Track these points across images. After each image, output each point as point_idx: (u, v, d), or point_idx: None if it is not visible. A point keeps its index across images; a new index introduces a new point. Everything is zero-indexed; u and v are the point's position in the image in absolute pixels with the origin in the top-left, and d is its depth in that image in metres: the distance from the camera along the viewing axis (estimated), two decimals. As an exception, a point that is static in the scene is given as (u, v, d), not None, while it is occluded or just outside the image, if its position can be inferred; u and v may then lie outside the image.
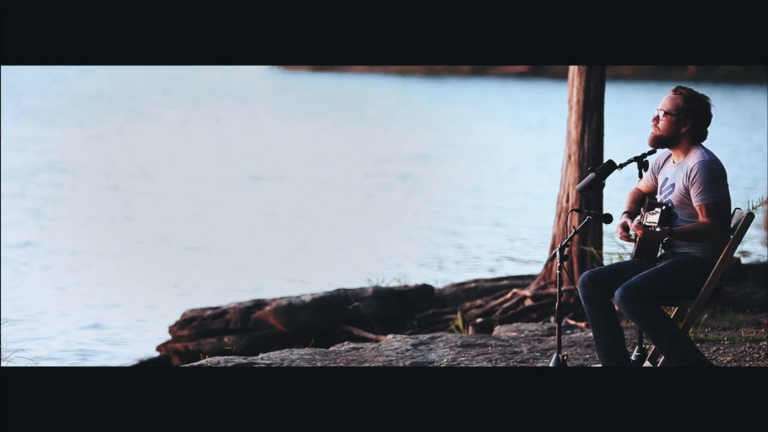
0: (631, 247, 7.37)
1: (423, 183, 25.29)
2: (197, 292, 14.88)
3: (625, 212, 7.16)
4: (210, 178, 25.39)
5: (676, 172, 6.95)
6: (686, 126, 6.93)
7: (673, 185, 6.94)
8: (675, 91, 6.99)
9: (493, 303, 11.43)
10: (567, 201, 10.85)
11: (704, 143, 7.00)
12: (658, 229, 6.76)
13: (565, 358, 7.16)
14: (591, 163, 10.65)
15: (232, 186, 24.42)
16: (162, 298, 14.91)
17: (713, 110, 6.99)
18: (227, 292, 14.56)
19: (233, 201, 22.61)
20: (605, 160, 8.30)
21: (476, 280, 12.69)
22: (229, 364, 7.87)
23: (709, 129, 7.01)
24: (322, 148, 30.91)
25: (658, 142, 7.02)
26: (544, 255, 15.04)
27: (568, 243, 7.14)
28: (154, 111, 40.13)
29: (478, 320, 11.06)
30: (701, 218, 6.83)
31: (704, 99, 6.97)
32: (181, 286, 15.51)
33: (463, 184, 25.23)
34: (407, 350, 8.40)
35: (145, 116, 38.28)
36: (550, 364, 7.13)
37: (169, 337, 12.39)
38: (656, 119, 6.98)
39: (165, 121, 36.99)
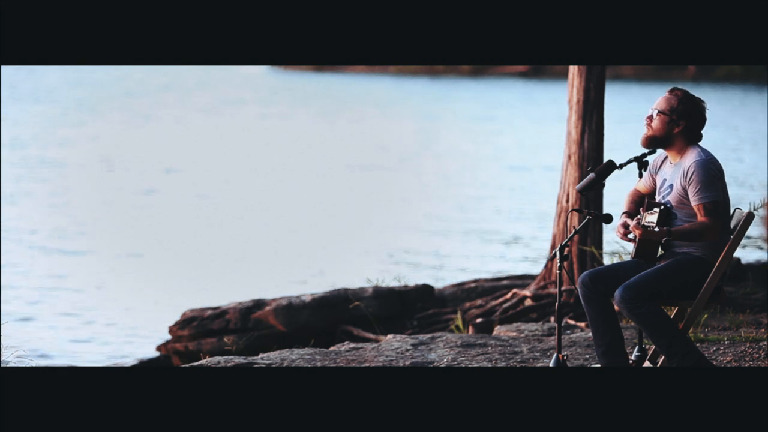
0: (631, 247, 7.37)
1: (424, 182, 25.28)
2: (197, 292, 14.88)
3: (624, 212, 7.17)
4: (209, 178, 25.39)
5: (673, 173, 6.95)
6: (679, 127, 6.93)
7: (671, 186, 6.94)
8: (670, 91, 7.01)
9: (493, 303, 11.43)
10: (567, 201, 10.85)
11: (701, 144, 7.00)
12: (656, 229, 6.75)
13: (565, 358, 7.16)
14: (591, 163, 10.65)
15: (231, 186, 24.41)
16: (162, 298, 14.91)
17: (708, 113, 7.00)
18: (227, 292, 14.56)
19: (233, 201, 22.60)
20: (605, 160, 8.30)
21: (476, 280, 12.68)
22: (229, 364, 7.86)
23: (703, 131, 7.01)
24: (322, 148, 30.90)
25: (650, 142, 7.02)
26: (544, 255, 15.04)
27: (568, 243, 7.14)
28: (153, 110, 40.12)
29: (478, 320, 11.06)
30: (699, 217, 6.83)
31: (699, 101, 6.98)
32: (181, 285, 15.51)
33: (464, 183, 25.22)
34: (407, 350, 8.40)
35: (143, 116, 38.27)
36: (550, 364, 7.13)
37: (169, 337, 12.39)
38: (650, 118, 6.99)
39: (165, 121, 36.99)
